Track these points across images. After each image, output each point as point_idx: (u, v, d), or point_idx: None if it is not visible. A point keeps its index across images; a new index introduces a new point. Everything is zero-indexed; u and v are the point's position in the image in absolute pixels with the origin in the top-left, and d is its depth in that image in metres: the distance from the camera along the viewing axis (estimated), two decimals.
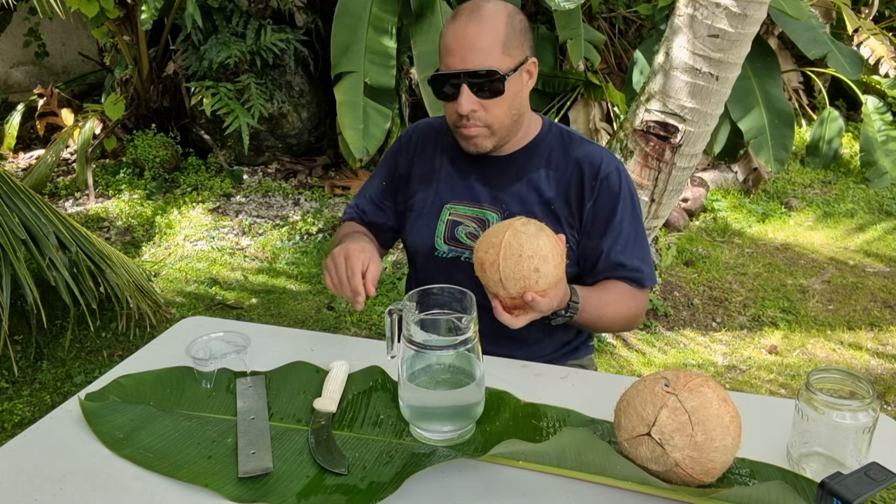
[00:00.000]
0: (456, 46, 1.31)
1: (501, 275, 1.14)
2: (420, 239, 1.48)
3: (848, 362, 2.90)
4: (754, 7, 2.41)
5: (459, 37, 1.31)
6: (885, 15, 5.93)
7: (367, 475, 1.00)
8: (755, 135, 4.11)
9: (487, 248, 1.17)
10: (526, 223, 1.17)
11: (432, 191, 1.48)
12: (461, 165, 1.48)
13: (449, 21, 1.35)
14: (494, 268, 1.15)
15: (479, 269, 1.19)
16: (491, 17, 1.32)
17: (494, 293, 1.19)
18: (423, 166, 1.51)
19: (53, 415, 1.15)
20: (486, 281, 1.19)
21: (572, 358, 1.58)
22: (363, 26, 3.68)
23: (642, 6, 4.59)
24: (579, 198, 1.41)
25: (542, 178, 1.43)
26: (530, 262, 1.13)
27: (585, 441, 0.99)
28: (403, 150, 1.55)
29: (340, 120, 3.65)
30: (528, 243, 1.14)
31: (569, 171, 1.42)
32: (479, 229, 1.43)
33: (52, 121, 5.18)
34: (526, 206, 1.42)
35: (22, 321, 2.98)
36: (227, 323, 1.46)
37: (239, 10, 4.46)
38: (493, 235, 1.18)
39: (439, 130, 1.53)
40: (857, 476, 0.82)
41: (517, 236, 1.14)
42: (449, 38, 1.33)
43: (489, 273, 1.16)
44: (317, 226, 4.09)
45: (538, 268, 1.14)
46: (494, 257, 1.15)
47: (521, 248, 1.14)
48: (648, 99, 2.69)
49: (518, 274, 1.14)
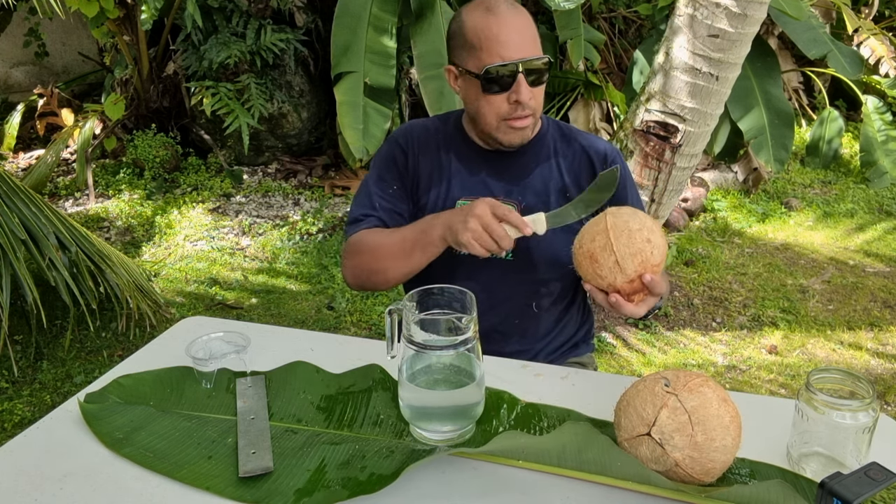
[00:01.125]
0: (508, 37, 1.32)
1: (617, 255, 1.11)
2: None
3: (848, 362, 2.90)
4: (754, 7, 2.41)
5: (510, 27, 1.32)
6: (885, 15, 5.93)
7: (368, 467, 1.01)
8: (755, 135, 4.11)
9: (593, 238, 1.14)
10: (618, 208, 1.16)
11: (443, 188, 1.47)
12: (471, 162, 1.47)
13: (484, 14, 1.33)
14: (608, 251, 1.12)
15: (589, 262, 1.15)
16: (524, 11, 1.37)
17: (611, 283, 1.15)
18: (428, 165, 1.49)
19: (53, 415, 1.15)
20: (599, 272, 1.14)
21: (573, 355, 1.59)
22: (363, 26, 3.68)
23: (642, 6, 4.59)
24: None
25: (553, 167, 1.47)
26: (641, 235, 1.11)
27: (586, 436, 0.99)
28: (406, 150, 1.51)
29: (340, 120, 3.65)
30: (632, 219, 1.13)
31: (577, 159, 1.48)
32: None
33: (52, 121, 5.18)
34: (541, 196, 1.45)
35: (22, 321, 2.98)
36: (227, 323, 1.46)
37: (239, 10, 4.46)
38: (593, 226, 1.15)
39: (435, 130, 1.52)
40: (857, 476, 0.82)
41: (618, 216, 1.13)
42: (496, 29, 1.32)
43: (602, 260, 1.13)
44: (317, 226, 4.09)
45: (649, 238, 1.12)
46: (605, 241, 1.12)
47: (628, 224, 1.12)
48: (648, 99, 2.69)
49: (633, 248, 1.11)
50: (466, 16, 1.36)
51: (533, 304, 1.49)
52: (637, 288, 1.15)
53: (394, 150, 1.51)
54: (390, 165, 1.51)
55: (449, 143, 1.50)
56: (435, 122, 1.55)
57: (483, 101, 1.37)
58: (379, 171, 1.51)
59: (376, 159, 1.53)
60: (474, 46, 1.34)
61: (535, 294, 1.48)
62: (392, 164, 1.50)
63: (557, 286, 1.50)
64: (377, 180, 1.51)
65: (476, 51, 1.34)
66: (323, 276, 3.56)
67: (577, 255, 1.18)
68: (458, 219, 1.25)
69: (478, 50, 1.33)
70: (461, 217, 1.25)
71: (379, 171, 1.51)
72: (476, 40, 1.33)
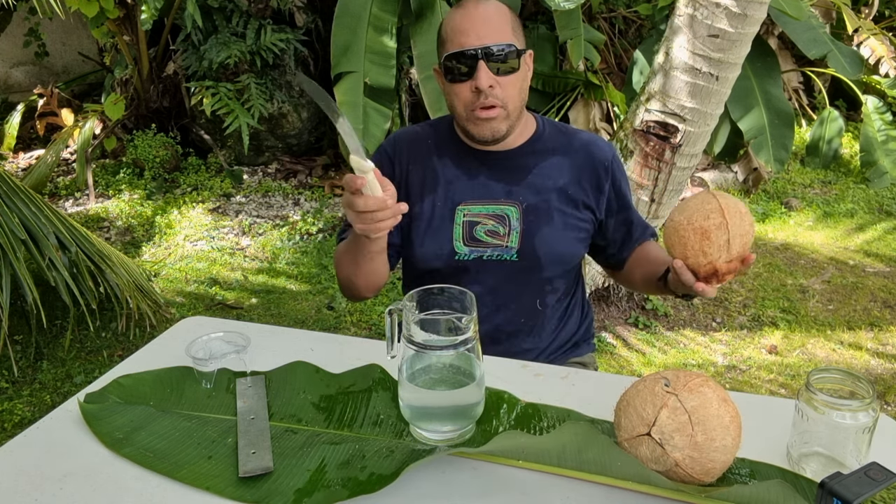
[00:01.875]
0: (470, 25, 1.34)
1: (730, 234, 1.13)
2: (437, 245, 1.45)
3: (848, 362, 2.90)
4: (754, 7, 2.41)
5: (472, 17, 1.34)
6: (885, 15, 5.93)
7: (368, 467, 1.01)
8: (755, 135, 4.11)
9: (707, 216, 1.14)
10: (713, 191, 1.19)
11: (439, 195, 1.45)
12: (468, 165, 1.46)
13: (454, 10, 1.37)
14: (722, 229, 1.13)
15: (700, 238, 1.15)
16: (498, 3, 1.39)
17: (712, 261, 1.16)
18: (418, 174, 1.47)
19: (53, 415, 1.15)
20: (706, 249, 1.15)
21: (574, 354, 1.60)
22: (363, 26, 3.68)
23: (642, 6, 4.59)
24: (595, 180, 1.49)
25: (552, 166, 1.47)
26: (748, 217, 1.15)
27: (586, 436, 0.99)
28: (393, 159, 1.48)
29: None
30: (738, 202, 1.16)
31: (578, 156, 1.49)
32: (497, 226, 1.43)
33: (52, 121, 5.18)
34: (541, 195, 1.45)
35: (22, 321, 2.98)
36: (227, 323, 1.46)
37: (239, 10, 4.46)
38: (703, 203, 1.15)
39: (426, 136, 1.50)
40: (857, 476, 0.82)
41: (726, 198, 1.15)
42: (459, 20, 1.35)
43: (714, 238, 1.14)
44: (317, 226, 4.09)
45: (752, 222, 1.16)
46: (720, 219, 1.13)
47: (738, 206, 1.15)
48: (648, 99, 2.69)
49: (743, 230, 1.14)
50: (445, 17, 1.40)
51: (538, 302, 1.50)
52: (733, 268, 1.17)
53: (381, 159, 1.49)
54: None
55: (442, 149, 1.48)
56: (425, 128, 1.53)
57: (452, 94, 1.38)
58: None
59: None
60: (444, 40, 1.37)
61: (540, 292, 1.49)
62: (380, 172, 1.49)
63: (562, 283, 1.51)
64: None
65: (443, 44, 1.38)
66: (323, 276, 3.56)
67: (682, 230, 1.17)
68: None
69: (444, 43, 1.37)
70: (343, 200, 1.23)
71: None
72: (444, 34, 1.37)
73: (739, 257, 1.16)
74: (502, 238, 1.44)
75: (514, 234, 1.44)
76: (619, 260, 1.57)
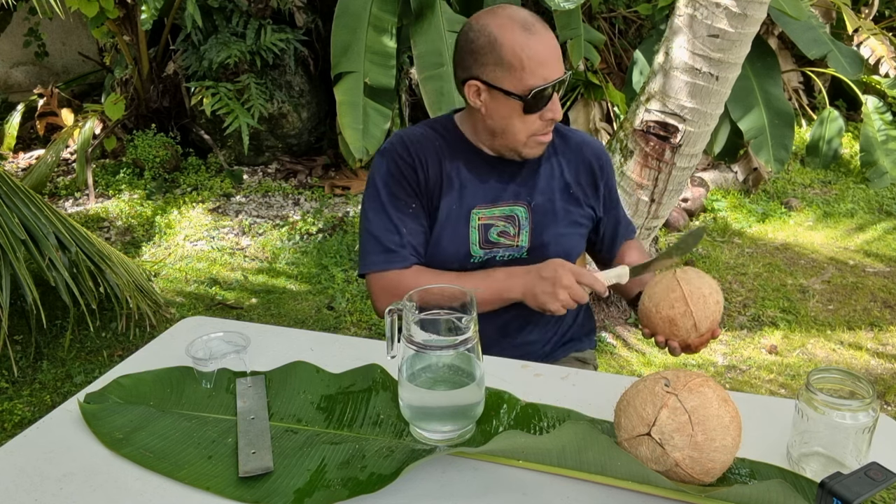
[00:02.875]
0: (549, 57, 1.34)
1: (696, 320, 1.25)
2: (454, 248, 1.44)
3: (848, 362, 2.90)
4: (754, 7, 2.41)
5: (550, 48, 1.34)
6: (885, 15, 5.93)
7: (368, 467, 1.01)
8: (755, 135, 4.11)
9: (672, 305, 1.25)
10: (683, 270, 1.28)
11: (454, 198, 1.44)
12: (479, 169, 1.47)
13: (525, 34, 1.32)
14: (687, 316, 1.25)
15: (668, 325, 1.26)
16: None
17: (683, 339, 1.28)
18: (435, 176, 1.45)
19: (53, 415, 1.15)
20: (676, 333, 1.27)
21: (575, 349, 1.61)
22: (363, 26, 3.68)
23: (642, 6, 4.59)
24: (592, 178, 1.54)
25: (555, 166, 1.51)
26: (713, 298, 1.26)
27: (586, 436, 0.99)
28: (413, 163, 1.44)
29: (340, 120, 3.65)
30: (703, 284, 1.26)
31: (576, 156, 1.53)
32: (508, 226, 1.46)
33: (52, 121, 5.17)
34: (547, 194, 1.49)
35: (22, 321, 2.98)
36: (227, 323, 1.46)
37: (239, 10, 4.46)
38: (668, 292, 1.26)
39: (432, 138, 1.48)
40: (857, 476, 0.82)
41: (690, 282, 1.25)
42: (538, 49, 1.33)
43: (681, 324, 1.26)
44: (317, 226, 4.09)
45: (718, 300, 1.26)
46: (684, 308, 1.25)
47: (702, 290, 1.25)
48: (648, 99, 2.69)
49: (707, 312, 1.25)
50: (499, 32, 1.33)
51: None
52: (704, 341, 1.30)
53: (399, 164, 1.43)
54: (401, 182, 1.43)
55: (454, 153, 1.46)
56: (427, 130, 1.50)
57: (517, 120, 1.37)
58: (390, 190, 1.43)
59: (380, 178, 1.45)
60: (514, 66, 1.32)
61: None
62: (402, 180, 1.43)
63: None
64: (391, 199, 1.43)
65: (517, 71, 1.32)
66: (323, 276, 3.56)
67: (654, 318, 1.28)
68: (544, 288, 1.33)
69: (519, 70, 1.32)
70: (547, 287, 1.32)
71: (390, 190, 1.43)
72: (517, 61, 1.32)
73: (709, 332, 1.29)
74: (513, 238, 1.47)
75: (524, 233, 1.47)
76: (605, 257, 1.63)
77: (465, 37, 1.38)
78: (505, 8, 1.37)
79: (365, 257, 1.45)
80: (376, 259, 1.43)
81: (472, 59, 1.37)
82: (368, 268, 1.44)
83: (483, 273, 1.43)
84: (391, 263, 1.42)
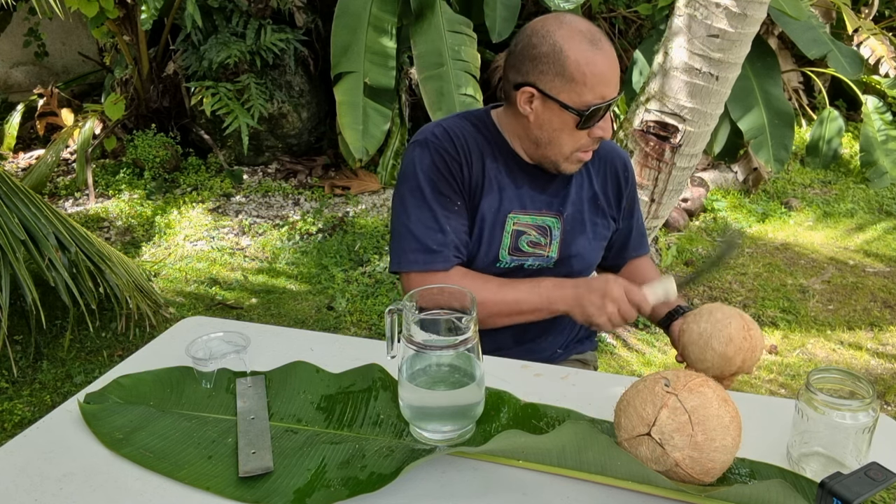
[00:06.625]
0: (611, 76, 1.30)
1: (744, 363, 1.24)
2: (484, 251, 1.41)
3: (848, 362, 2.90)
4: (754, 7, 2.41)
5: (613, 66, 1.30)
6: (885, 15, 5.93)
7: (368, 466, 1.01)
8: (755, 135, 4.11)
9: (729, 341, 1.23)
10: (713, 309, 1.26)
11: (494, 200, 1.40)
12: (516, 175, 1.43)
13: (591, 49, 1.28)
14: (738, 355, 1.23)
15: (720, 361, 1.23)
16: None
17: (721, 374, 1.26)
18: (477, 174, 1.40)
19: (53, 415, 1.15)
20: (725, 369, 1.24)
21: (576, 352, 1.61)
22: (363, 26, 3.69)
23: (642, 6, 4.59)
24: (617, 188, 1.53)
25: (584, 176, 1.49)
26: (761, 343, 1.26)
27: (586, 436, 0.99)
28: (458, 157, 1.38)
29: (340, 120, 3.65)
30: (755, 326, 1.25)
31: (604, 166, 1.52)
32: (540, 237, 1.43)
33: (52, 121, 5.17)
34: (577, 206, 1.47)
35: (22, 321, 2.98)
36: (227, 323, 1.46)
37: (239, 10, 4.46)
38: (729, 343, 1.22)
39: (473, 134, 1.42)
40: (857, 476, 0.82)
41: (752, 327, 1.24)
42: (602, 67, 1.29)
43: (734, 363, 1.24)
44: (317, 226, 4.09)
45: (763, 346, 1.27)
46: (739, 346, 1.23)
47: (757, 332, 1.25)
48: (648, 99, 2.69)
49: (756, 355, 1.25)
50: (565, 42, 1.28)
51: None
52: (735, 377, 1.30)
53: (446, 158, 1.37)
54: (447, 178, 1.37)
55: (496, 153, 1.42)
56: (465, 125, 1.43)
57: (566, 134, 1.34)
58: (435, 185, 1.37)
59: (422, 171, 1.37)
60: (575, 80, 1.28)
61: None
62: (448, 175, 1.37)
63: None
64: (436, 195, 1.37)
65: (577, 85, 1.28)
66: (323, 276, 3.56)
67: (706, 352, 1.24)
68: (592, 300, 1.30)
69: (580, 85, 1.28)
70: (596, 300, 1.30)
71: (435, 185, 1.37)
72: (580, 75, 1.28)
73: (741, 372, 1.27)
74: (544, 248, 1.44)
75: (555, 244, 1.45)
76: (609, 265, 1.61)
77: (526, 41, 1.32)
78: (568, 16, 1.32)
79: (403, 255, 1.37)
80: (416, 258, 1.36)
81: (531, 65, 1.31)
82: (408, 266, 1.37)
83: (531, 282, 1.38)
84: (433, 264, 1.36)
